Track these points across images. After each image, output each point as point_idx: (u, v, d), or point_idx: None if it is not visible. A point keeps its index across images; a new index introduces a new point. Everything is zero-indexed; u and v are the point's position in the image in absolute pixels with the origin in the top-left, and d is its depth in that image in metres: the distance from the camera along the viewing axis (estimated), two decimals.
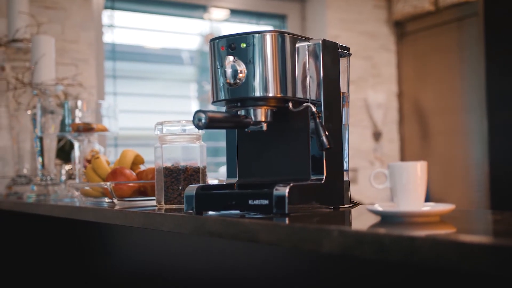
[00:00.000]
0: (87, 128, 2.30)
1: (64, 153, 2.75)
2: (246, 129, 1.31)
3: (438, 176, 3.90)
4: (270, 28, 4.11)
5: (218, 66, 1.28)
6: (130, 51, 3.68)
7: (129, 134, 3.62)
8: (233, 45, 1.25)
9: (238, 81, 1.24)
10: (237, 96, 1.26)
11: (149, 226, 1.40)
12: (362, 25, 4.02)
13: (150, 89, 3.68)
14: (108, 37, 3.46)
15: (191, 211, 1.27)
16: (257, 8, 3.97)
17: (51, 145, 2.60)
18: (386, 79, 4.10)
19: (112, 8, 3.50)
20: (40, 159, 2.61)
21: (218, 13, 3.86)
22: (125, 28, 3.58)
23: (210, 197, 1.26)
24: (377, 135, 3.99)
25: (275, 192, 1.16)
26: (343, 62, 1.40)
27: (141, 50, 3.73)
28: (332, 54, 1.34)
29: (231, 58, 1.25)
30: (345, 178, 1.37)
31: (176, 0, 3.69)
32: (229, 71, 1.24)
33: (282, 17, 4.06)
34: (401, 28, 4.14)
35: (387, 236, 0.81)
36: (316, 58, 1.30)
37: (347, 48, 1.39)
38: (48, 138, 2.56)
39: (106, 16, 3.46)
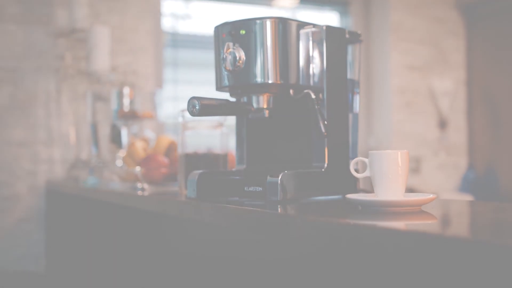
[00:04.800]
0: (132, 115, 2.37)
1: (120, 138, 2.84)
2: (249, 116, 1.30)
3: (510, 168, 3.73)
4: (335, 14, 4.06)
5: (220, 53, 1.28)
6: (193, 40, 3.72)
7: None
8: (233, 32, 1.25)
9: (236, 68, 1.23)
10: (238, 82, 1.26)
11: (161, 211, 1.42)
12: (428, 10, 3.88)
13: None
14: (170, 25, 3.53)
15: (193, 197, 1.29)
16: None
17: (104, 131, 2.70)
18: (453, 66, 3.95)
19: None
20: (94, 144, 2.71)
21: (285, 1, 3.85)
22: (188, 17, 3.64)
23: (210, 183, 1.27)
24: (442, 124, 3.85)
25: (268, 179, 1.16)
26: (354, 48, 1.37)
27: (204, 39, 3.77)
28: (338, 40, 1.31)
29: (230, 45, 1.24)
30: None
31: None
32: (228, 57, 1.24)
33: (345, 3, 4.00)
34: (472, 12, 3.96)
35: (339, 225, 0.79)
36: (320, 44, 1.28)
37: (357, 34, 1.35)
38: (100, 124, 2.66)
39: (169, 4, 3.53)
